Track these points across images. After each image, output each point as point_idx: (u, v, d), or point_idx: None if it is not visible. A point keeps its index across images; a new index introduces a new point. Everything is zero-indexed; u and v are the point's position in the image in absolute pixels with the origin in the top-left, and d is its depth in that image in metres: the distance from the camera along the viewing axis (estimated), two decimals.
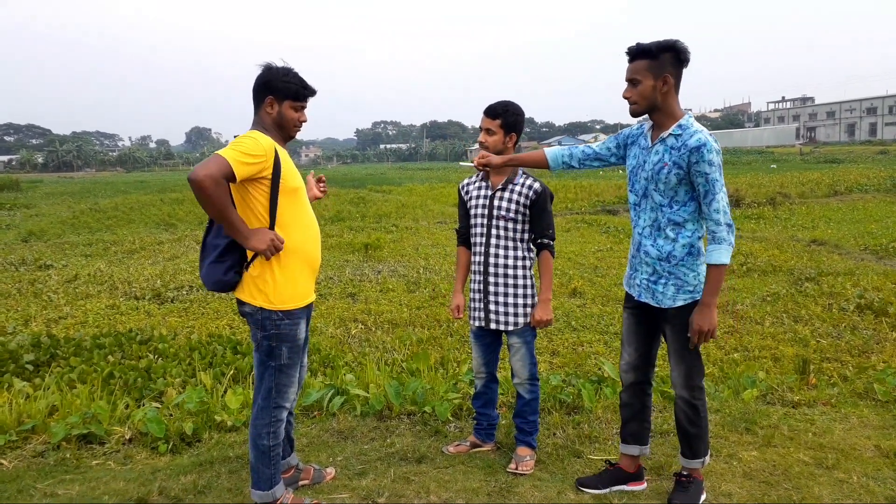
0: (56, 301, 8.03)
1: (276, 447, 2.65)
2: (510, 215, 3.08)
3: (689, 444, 2.77)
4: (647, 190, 2.67)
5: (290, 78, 2.59)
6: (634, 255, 2.80)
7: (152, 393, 4.42)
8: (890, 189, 19.45)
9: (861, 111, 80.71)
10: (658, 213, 2.64)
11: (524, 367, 3.19)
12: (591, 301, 7.56)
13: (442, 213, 17.81)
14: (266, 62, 2.60)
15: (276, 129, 2.61)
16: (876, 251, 10.04)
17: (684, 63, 2.55)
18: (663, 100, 2.57)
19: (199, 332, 6.21)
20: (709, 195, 2.50)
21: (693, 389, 2.70)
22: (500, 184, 3.13)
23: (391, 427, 3.68)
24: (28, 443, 3.53)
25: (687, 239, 2.61)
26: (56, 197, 27.04)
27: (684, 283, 2.63)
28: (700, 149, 2.48)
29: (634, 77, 2.57)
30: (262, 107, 2.59)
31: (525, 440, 3.24)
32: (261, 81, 2.58)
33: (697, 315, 2.56)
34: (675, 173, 2.55)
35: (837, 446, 3.33)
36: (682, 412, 2.74)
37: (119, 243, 13.48)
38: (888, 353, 5.31)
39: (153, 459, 3.37)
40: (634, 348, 2.86)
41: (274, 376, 2.61)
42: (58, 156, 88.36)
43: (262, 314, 2.55)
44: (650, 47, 2.53)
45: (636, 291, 2.78)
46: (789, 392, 4.15)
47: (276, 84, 2.57)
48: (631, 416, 2.93)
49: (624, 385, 2.94)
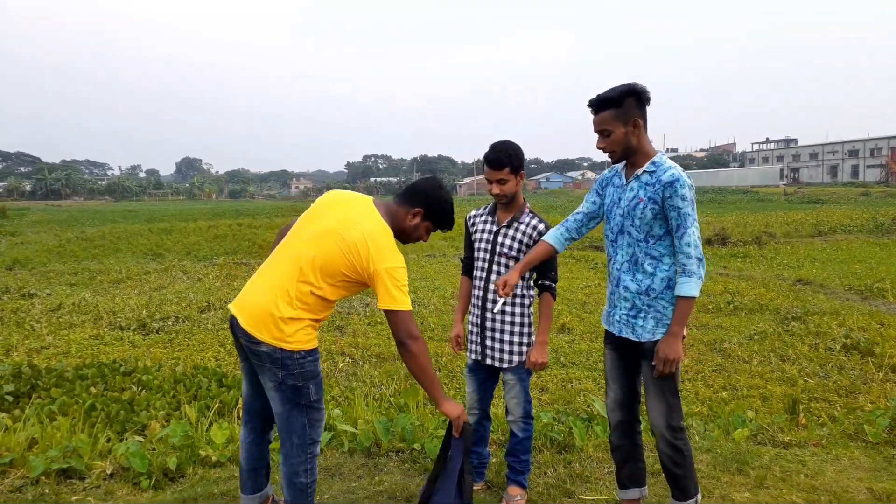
0: (39, 330, 7.90)
1: (312, 483, 2.61)
2: (512, 254, 3.07)
3: (678, 486, 2.74)
4: (624, 226, 2.71)
5: (448, 207, 2.71)
6: (613, 291, 2.81)
7: (135, 426, 4.33)
8: (873, 230, 19.73)
9: (843, 153, 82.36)
10: (636, 248, 2.68)
11: (518, 405, 3.15)
12: (579, 337, 7.55)
13: (431, 247, 17.83)
14: (438, 179, 2.75)
15: (398, 231, 2.67)
16: (861, 291, 10.13)
17: (647, 103, 2.62)
18: (637, 142, 2.63)
19: (185, 364, 6.11)
20: (681, 228, 2.55)
21: (675, 430, 2.67)
22: (505, 221, 3.12)
23: (379, 464, 3.63)
24: (6, 477, 3.43)
25: (665, 272, 2.64)
26: (43, 225, 26.83)
27: (663, 317, 2.64)
28: (674, 184, 2.53)
29: (604, 128, 2.63)
30: (408, 210, 2.66)
31: (516, 479, 3.19)
32: (424, 193, 2.67)
33: (663, 344, 2.58)
34: (650, 208, 2.60)
35: (830, 488, 3.31)
36: (666, 455, 2.71)
37: (105, 272, 13.34)
38: (875, 394, 5.32)
39: (135, 496, 3.29)
40: (619, 385, 2.85)
41: (305, 413, 2.55)
42: (46, 184, 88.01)
43: (283, 354, 2.47)
44: (612, 96, 2.58)
45: (616, 328, 2.78)
46: (780, 432, 4.14)
47: (434, 205, 2.67)
48: (624, 458, 2.89)
49: (612, 425, 2.91)
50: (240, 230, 21.69)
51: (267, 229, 21.65)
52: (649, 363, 2.68)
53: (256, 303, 2.50)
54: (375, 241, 2.46)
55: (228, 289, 11.13)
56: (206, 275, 13.01)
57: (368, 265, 2.44)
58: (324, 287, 2.48)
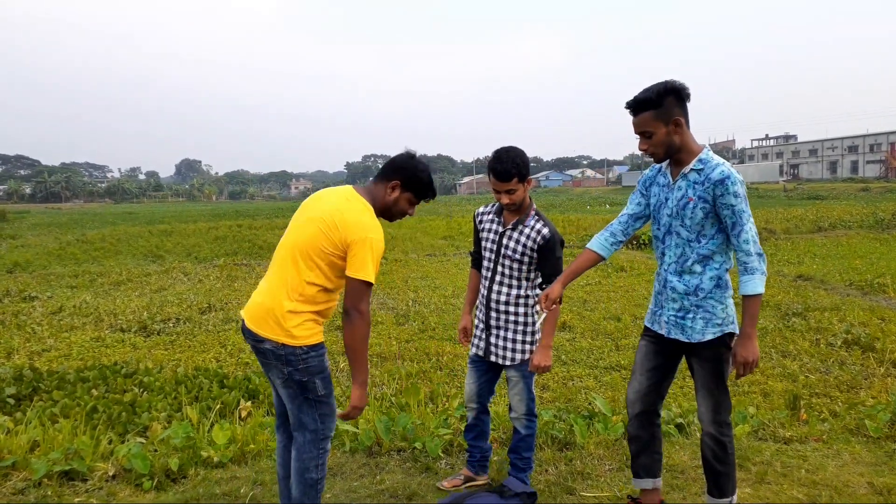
0: (40, 333, 7.91)
1: (322, 479, 2.62)
2: (516, 256, 3.07)
3: (717, 483, 2.72)
4: (672, 226, 2.66)
5: (424, 176, 2.69)
6: (661, 291, 2.77)
7: (137, 427, 4.34)
8: (873, 226, 19.74)
9: (843, 149, 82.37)
10: (686, 248, 2.64)
11: (521, 402, 3.16)
12: (580, 335, 7.55)
13: (431, 246, 17.84)
14: (410, 151, 2.73)
15: (381, 208, 2.67)
16: (861, 287, 10.13)
17: (687, 99, 2.55)
18: (681, 140, 2.57)
19: (186, 366, 6.12)
20: (737, 227, 2.51)
21: (721, 425, 2.67)
22: (511, 223, 3.11)
23: (381, 463, 3.63)
24: (8, 479, 3.44)
25: (714, 271, 2.61)
26: (43, 228, 26.84)
27: (713, 317, 2.61)
28: (724, 181, 2.49)
29: (645, 130, 2.56)
30: (385, 184, 2.66)
31: (518, 477, 3.19)
32: (397, 165, 2.67)
33: (740, 347, 2.53)
34: (701, 207, 2.55)
35: (831, 483, 3.31)
36: (710, 449, 2.70)
37: (106, 275, 13.35)
38: (876, 389, 5.32)
39: (137, 497, 3.29)
40: (647, 377, 2.82)
41: (315, 408, 2.57)
42: (46, 187, 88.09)
43: (286, 350, 2.49)
44: (649, 96, 2.51)
45: (665, 329, 2.74)
46: (781, 428, 4.14)
47: (410, 175, 2.66)
48: (640, 449, 2.89)
49: (631, 416, 2.89)
50: (240, 231, 21.69)
51: (267, 230, 21.65)
52: (699, 363, 2.67)
53: (259, 302, 2.55)
54: (354, 214, 2.50)
55: (229, 290, 11.14)
56: (207, 276, 13.02)
57: (346, 235, 2.45)
58: (315, 271, 2.49)
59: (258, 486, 3.37)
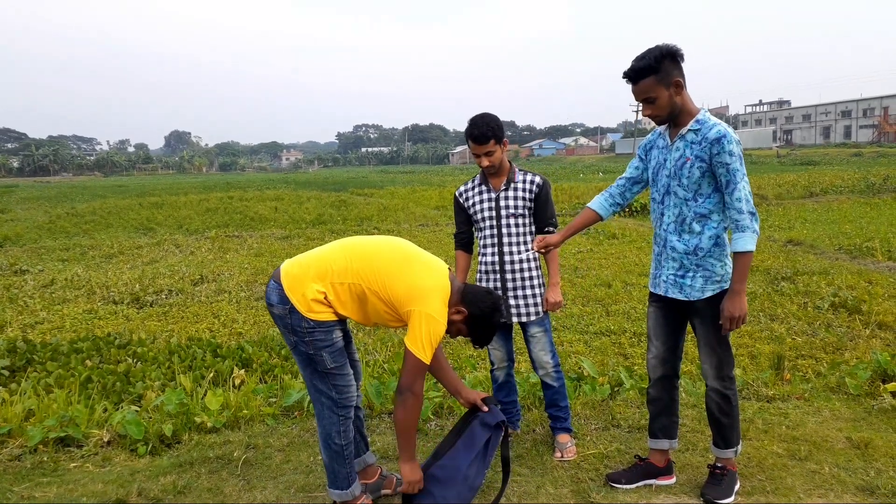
0: (32, 306, 7.92)
1: (348, 445, 2.65)
2: (519, 212, 3.23)
3: (722, 435, 2.84)
4: (670, 187, 2.73)
5: (488, 333, 2.73)
6: (660, 252, 2.84)
7: (131, 396, 4.38)
8: (864, 190, 19.81)
9: (836, 114, 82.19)
10: (683, 208, 2.70)
11: (547, 354, 3.32)
12: (571, 302, 7.61)
13: (424, 217, 17.82)
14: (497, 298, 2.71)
15: None
16: (850, 251, 10.22)
17: (682, 60, 2.60)
18: (682, 101, 2.63)
19: (179, 336, 6.15)
20: (731, 184, 2.57)
21: (724, 380, 2.77)
22: (501, 185, 3.26)
23: (372, 426, 3.70)
24: (4, 447, 3.49)
25: (713, 230, 2.68)
26: (32, 202, 26.62)
27: (712, 275, 2.69)
28: (720, 140, 2.55)
29: (649, 96, 2.60)
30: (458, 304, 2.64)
31: (562, 427, 3.35)
32: (479, 307, 2.64)
33: (728, 302, 2.61)
34: (697, 166, 2.61)
35: (810, 438, 3.40)
36: (714, 403, 2.81)
37: (97, 248, 13.31)
38: (861, 350, 5.41)
39: (132, 461, 3.35)
40: (662, 342, 2.90)
41: (327, 378, 2.58)
42: (34, 160, 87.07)
43: (293, 317, 2.48)
44: (648, 63, 2.55)
45: (662, 289, 2.82)
46: (764, 387, 4.23)
47: (479, 323, 2.66)
48: (659, 410, 2.98)
49: (652, 380, 2.99)
50: (231, 203, 21.58)
51: (258, 201, 21.56)
52: (700, 320, 2.75)
53: (293, 272, 2.56)
54: (424, 289, 2.50)
55: (221, 262, 11.14)
56: (199, 248, 13.00)
57: (408, 304, 2.46)
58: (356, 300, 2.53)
59: (251, 449, 3.43)
